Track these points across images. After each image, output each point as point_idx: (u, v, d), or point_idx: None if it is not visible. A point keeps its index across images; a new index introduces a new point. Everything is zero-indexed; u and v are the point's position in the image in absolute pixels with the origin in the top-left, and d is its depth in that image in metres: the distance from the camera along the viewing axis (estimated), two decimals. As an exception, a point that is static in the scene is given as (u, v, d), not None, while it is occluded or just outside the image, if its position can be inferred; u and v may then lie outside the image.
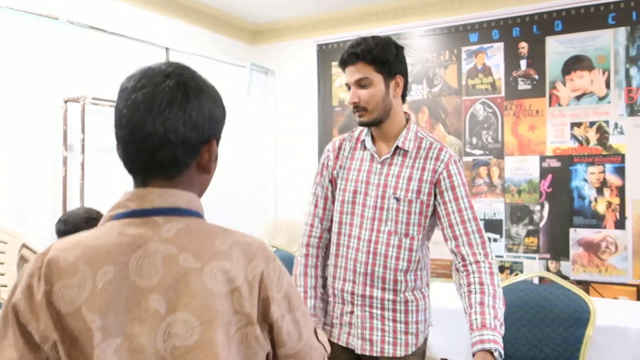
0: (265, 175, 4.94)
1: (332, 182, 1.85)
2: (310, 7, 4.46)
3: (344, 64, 1.71)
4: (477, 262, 1.60)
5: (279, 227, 4.77)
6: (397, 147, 1.74)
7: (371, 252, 1.72)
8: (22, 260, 3.07)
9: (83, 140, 3.29)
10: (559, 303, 2.32)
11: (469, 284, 1.59)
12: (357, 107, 1.70)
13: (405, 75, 1.74)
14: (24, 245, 3.06)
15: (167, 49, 4.06)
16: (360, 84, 1.68)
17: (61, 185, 3.36)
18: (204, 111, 0.92)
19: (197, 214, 0.92)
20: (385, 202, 1.71)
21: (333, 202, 1.86)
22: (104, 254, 0.85)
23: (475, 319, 1.51)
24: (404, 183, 1.70)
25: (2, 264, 2.96)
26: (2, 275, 2.95)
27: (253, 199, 4.80)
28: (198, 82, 0.93)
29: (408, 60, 1.80)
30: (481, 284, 1.57)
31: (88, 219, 1.91)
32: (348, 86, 1.74)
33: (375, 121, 1.72)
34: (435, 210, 1.72)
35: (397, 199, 1.69)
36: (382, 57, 1.65)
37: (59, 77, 3.36)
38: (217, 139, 0.96)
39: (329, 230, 1.87)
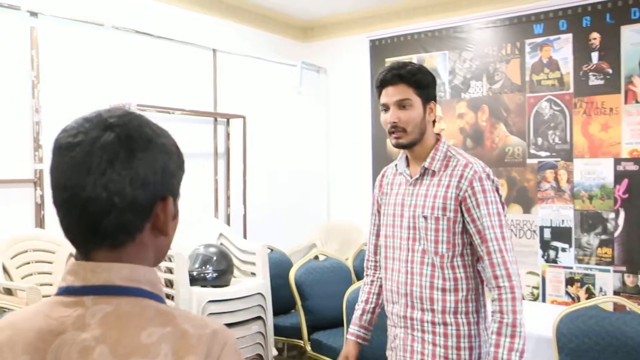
0: (318, 177, 4.80)
1: (379, 211, 1.94)
2: (362, 1, 4.26)
3: (383, 85, 1.73)
4: (498, 287, 1.61)
5: (332, 231, 4.62)
6: (425, 167, 1.75)
7: (408, 271, 1.75)
8: (70, 269, 3.07)
9: (128, 147, 3.25)
10: (637, 335, 2.04)
11: (492, 312, 1.62)
12: (396, 128, 1.72)
13: (436, 101, 1.78)
14: (71, 255, 3.06)
15: (214, 50, 3.98)
16: (401, 104, 1.70)
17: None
18: (155, 165, 0.77)
19: (139, 292, 0.76)
20: (417, 221, 1.72)
21: None
22: (26, 340, 0.74)
23: (488, 352, 1.60)
24: (430, 201, 1.71)
25: (49, 273, 2.97)
26: (50, 285, 2.96)
27: (305, 201, 4.67)
28: (145, 132, 0.78)
29: (466, 55, 1.79)
30: (500, 312, 1.59)
31: None
32: (384, 107, 1.75)
33: (412, 143, 1.74)
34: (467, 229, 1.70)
35: (425, 217, 1.70)
36: (424, 81, 1.71)
37: (105, 84, 3.33)
38: (174, 195, 0.81)
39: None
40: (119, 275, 0.75)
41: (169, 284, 3.01)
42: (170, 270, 2.98)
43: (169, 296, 3.00)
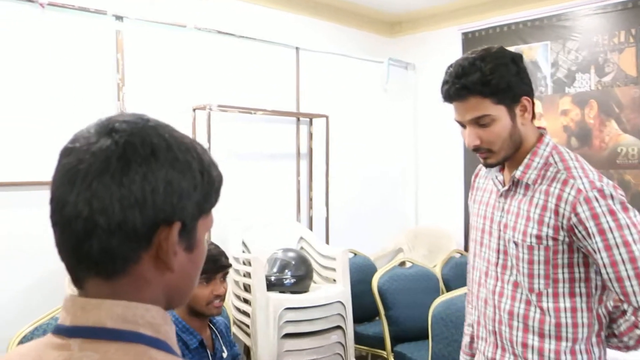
0: (405, 178, 4.57)
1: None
2: (453, -9, 3.98)
3: (450, 100, 1.36)
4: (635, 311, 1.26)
5: (420, 236, 4.38)
6: (515, 179, 1.39)
7: (496, 305, 1.43)
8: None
9: (209, 149, 3.22)
10: None
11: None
12: (480, 150, 1.36)
13: (531, 92, 1.36)
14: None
15: (297, 48, 3.87)
16: (479, 122, 1.33)
17: (190, 194, 3.33)
18: (156, 182, 0.62)
19: (135, 336, 0.61)
20: (507, 245, 1.39)
21: None
22: None
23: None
24: (522, 224, 1.35)
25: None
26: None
27: (391, 204, 4.46)
28: (152, 141, 0.63)
29: (571, 45, 1.38)
30: None
31: (213, 260, 1.76)
32: (460, 123, 1.40)
33: (504, 159, 1.38)
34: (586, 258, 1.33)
35: (516, 244, 1.36)
36: (502, 84, 1.28)
37: (187, 85, 3.33)
38: (187, 220, 0.65)
39: None
40: (110, 314, 0.61)
41: (247, 288, 2.94)
42: (248, 275, 2.90)
43: (246, 301, 2.93)
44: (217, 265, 1.75)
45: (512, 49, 3.96)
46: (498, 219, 1.42)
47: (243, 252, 3.22)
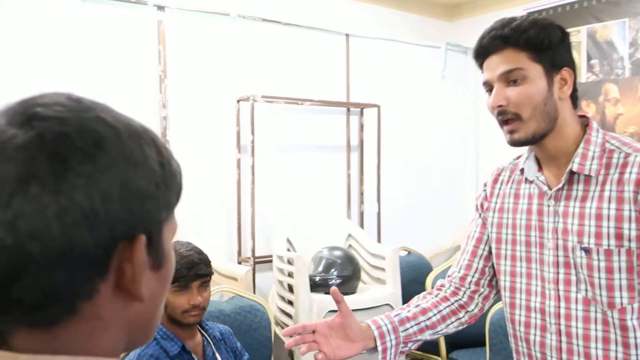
0: (464, 171, 4.28)
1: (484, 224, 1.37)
2: (517, -33, 3.65)
3: (483, 54, 1.17)
4: None
5: (480, 233, 4.09)
6: (572, 172, 1.15)
7: (563, 332, 1.17)
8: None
9: (253, 141, 3.10)
10: None
11: None
12: (505, 114, 1.14)
13: (573, 68, 1.16)
14: (195, 253, 2.99)
15: (347, 35, 3.68)
16: (509, 78, 1.12)
17: (235, 189, 3.23)
18: (107, 185, 0.44)
19: None
20: (570, 255, 1.14)
21: (490, 253, 1.36)
22: None
23: None
24: (592, 225, 1.11)
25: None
26: (174, 283, 2.91)
27: (448, 198, 4.20)
28: (93, 128, 0.45)
29: None
30: None
31: (188, 267, 1.63)
32: (488, 87, 1.18)
33: (535, 137, 1.14)
34: None
35: (587, 250, 1.11)
36: (543, 39, 1.11)
37: (231, 75, 3.21)
38: (152, 230, 0.48)
39: (478, 282, 1.36)
40: None
41: (291, 289, 2.80)
42: (292, 275, 2.76)
43: (290, 302, 2.79)
44: (191, 272, 1.60)
45: (584, 28, 3.59)
46: (552, 226, 1.17)
47: (288, 250, 3.07)
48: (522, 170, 1.25)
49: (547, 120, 1.13)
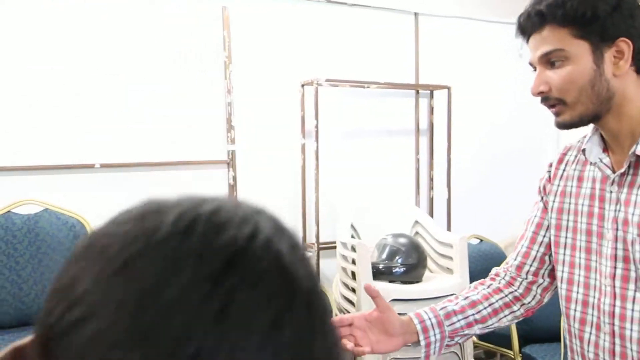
0: (541, 155, 4.03)
1: (546, 207, 1.25)
2: None
3: (523, 35, 1.08)
4: None
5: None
6: (637, 156, 1.01)
7: (617, 333, 1.05)
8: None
9: (317, 126, 3.05)
10: None
11: None
12: (548, 100, 1.04)
13: (636, 37, 0.99)
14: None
15: (416, 14, 3.53)
16: (550, 59, 1.01)
17: (300, 174, 3.21)
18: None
19: None
20: (630, 249, 1.01)
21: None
22: None
23: None
24: None
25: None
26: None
27: (525, 185, 3.95)
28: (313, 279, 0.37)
29: None
30: None
31: None
32: (533, 68, 1.07)
33: (583, 119, 1.03)
34: None
35: None
36: (585, 11, 0.97)
37: (294, 59, 3.17)
38: None
39: (536, 272, 1.25)
40: None
41: (353, 276, 2.74)
42: (354, 262, 2.70)
43: (353, 290, 2.74)
44: None
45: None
46: (612, 215, 1.05)
47: (352, 236, 3.02)
48: (584, 151, 1.12)
49: (598, 101, 1.00)
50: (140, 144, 2.85)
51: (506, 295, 1.26)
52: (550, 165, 1.25)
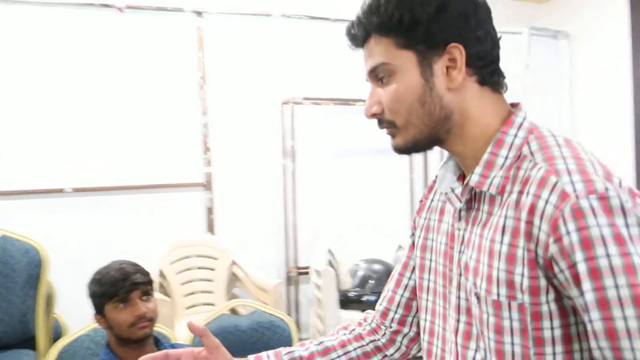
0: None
1: (413, 245, 1.06)
2: None
3: (354, 46, 0.89)
4: None
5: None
6: (472, 189, 0.82)
7: None
8: (234, 277, 2.92)
9: (293, 147, 2.94)
10: None
11: None
12: (381, 122, 0.85)
13: (470, 42, 0.81)
14: (234, 263, 2.90)
15: (407, 27, 3.37)
16: (377, 76, 0.84)
17: (282, 196, 3.09)
18: None
19: None
20: (468, 299, 0.83)
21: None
22: None
23: None
24: (485, 263, 0.78)
25: (210, 280, 2.86)
26: (211, 293, 2.85)
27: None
28: None
29: None
30: None
31: (123, 279, 1.51)
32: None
33: (418, 143, 0.84)
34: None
35: (478, 297, 0.80)
36: (402, 16, 0.81)
37: (272, 78, 3.09)
38: None
39: (402, 320, 1.06)
40: None
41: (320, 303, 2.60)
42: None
43: (321, 317, 2.58)
44: (127, 282, 1.50)
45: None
46: (457, 257, 0.86)
47: (330, 262, 2.87)
48: (436, 178, 0.95)
49: (431, 122, 0.81)
50: (115, 167, 2.84)
51: (367, 344, 1.08)
52: (423, 196, 1.08)
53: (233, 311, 2.38)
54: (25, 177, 2.69)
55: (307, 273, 2.97)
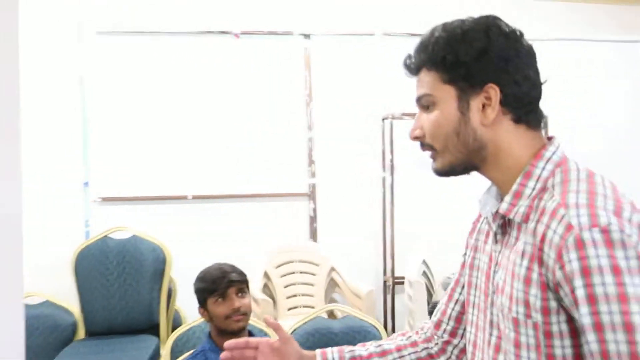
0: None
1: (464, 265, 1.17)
2: None
3: (409, 75, 1.01)
4: None
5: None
6: (502, 216, 0.92)
7: None
8: (332, 283, 3.11)
9: (392, 160, 3.07)
10: None
11: None
12: (423, 146, 0.97)
13: (507, 83, 0.89)
14: (333, 269, 3.09)
15: (512, 40, 3.34)
16: (422, 104, 0.95)
17: (381, 208, 3.23)
18: None
19: None
20: (498, 315, 0.92)
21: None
22: None
23: None
24: (509, 284, 0.88)
25: (311, 285, 3.07)
26: (311, 296, 3.05)
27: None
28: None
29: None
30: None
31: (222, 277, 1.74)
32: None
33: (455, 169, 0.94)
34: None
35: (502, 315, 0.90)
36: (447, 55, 0.92)
37: (375, 93, 3.23)
38: None
39: (454, 332, 1.17)
40: None
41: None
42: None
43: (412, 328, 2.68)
44: (225, 280, 1.72)
45: None
46: (492, 276, 0.95)
47: (424, 272, 2.95)
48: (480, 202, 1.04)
49: (466, 151, 0.92)
50: (229, 178, 3.15)
51: (420, 351, 1.20)
52: (476, 218, 1.18)
53: (331, 314, 2.55)
54: (155, 185, 3.09)
55: (402, 283, 3.07)
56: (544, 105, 0.96)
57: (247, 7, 3.15)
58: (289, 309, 3.00)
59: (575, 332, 0.81)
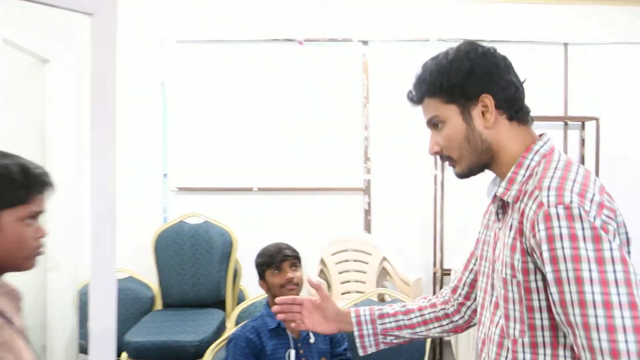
0: None
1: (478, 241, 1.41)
2: None
3: (414, 104, 1.25)
4: None
5: None
6: (500, 198, 1.14)
7: (484, 353, 1.18)
8: (384, 272, 3.33)
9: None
10: None
11: None
12: (442, 157, 1.20)
13: (496, 91, 1.11)
14: (384, 259, 3.31)
15: (565, 44, 3.45)
16: (433, 124, 1.18)
17: (432, 203, 3.42)
18: None
19: None
20: (495, 279, 1.16)
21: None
22: None
23: None
24: (502, 252, 1.10)
25: (364, 272, 3.30)
26: (363, 283, 3.29)
27: None
28: None
29: None
30: None
31: (278, 252, 2.00)
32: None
33: (472, 170, 1.16)
34: None
35: (498, 277, 1.13)
36: (441, 82, 1.14)
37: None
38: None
39: (467, 295, 1.39)
40: None
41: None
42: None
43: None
44: (280, 254, 1.97)
45: None
46: (494, 247, 1.17)
47: (471, 264, 3.11)
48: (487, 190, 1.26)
49: (477, 153, 1.13)
50: (290, 172, 3.45)
51: (438, 311, 1.42)
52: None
53: (381, 300, 2.77)
54: (225, 178, 3.43)
55: (449, 274, 3.25)
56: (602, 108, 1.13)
57: (309, 17, 3.43)
58: (343, 293, 3.24)
59: (547, 287, 1.02)
